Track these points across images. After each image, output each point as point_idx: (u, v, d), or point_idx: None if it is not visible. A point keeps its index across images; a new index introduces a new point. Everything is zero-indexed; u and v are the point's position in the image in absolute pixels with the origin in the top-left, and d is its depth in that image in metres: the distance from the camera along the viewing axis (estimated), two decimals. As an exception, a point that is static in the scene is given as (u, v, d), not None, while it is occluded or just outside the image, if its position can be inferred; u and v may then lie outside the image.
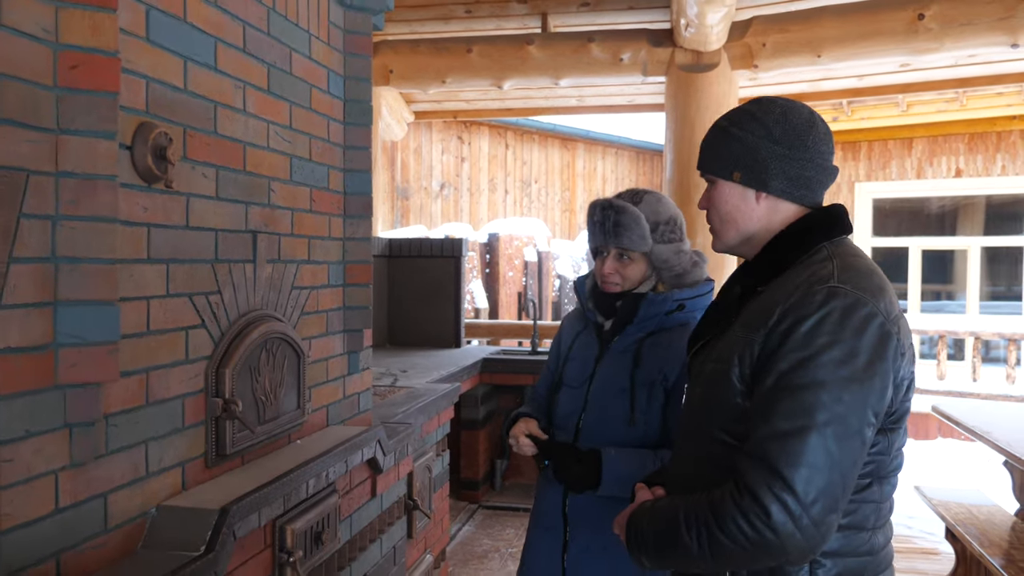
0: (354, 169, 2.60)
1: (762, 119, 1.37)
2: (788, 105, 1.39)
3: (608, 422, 1.95)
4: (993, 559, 3.07)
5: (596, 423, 1.97)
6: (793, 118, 1.37)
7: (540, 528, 2.10)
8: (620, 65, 5.30)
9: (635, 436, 1.92)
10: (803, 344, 1.21)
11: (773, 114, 1.37)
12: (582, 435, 1.98)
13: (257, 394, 2.04)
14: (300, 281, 2.32)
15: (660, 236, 1.97)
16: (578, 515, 2.00)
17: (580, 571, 1.99)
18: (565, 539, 2.01)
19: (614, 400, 1.95)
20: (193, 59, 1.80)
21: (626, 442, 1.92)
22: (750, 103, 1.43)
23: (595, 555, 1.97)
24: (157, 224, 1.69)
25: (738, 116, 1.41)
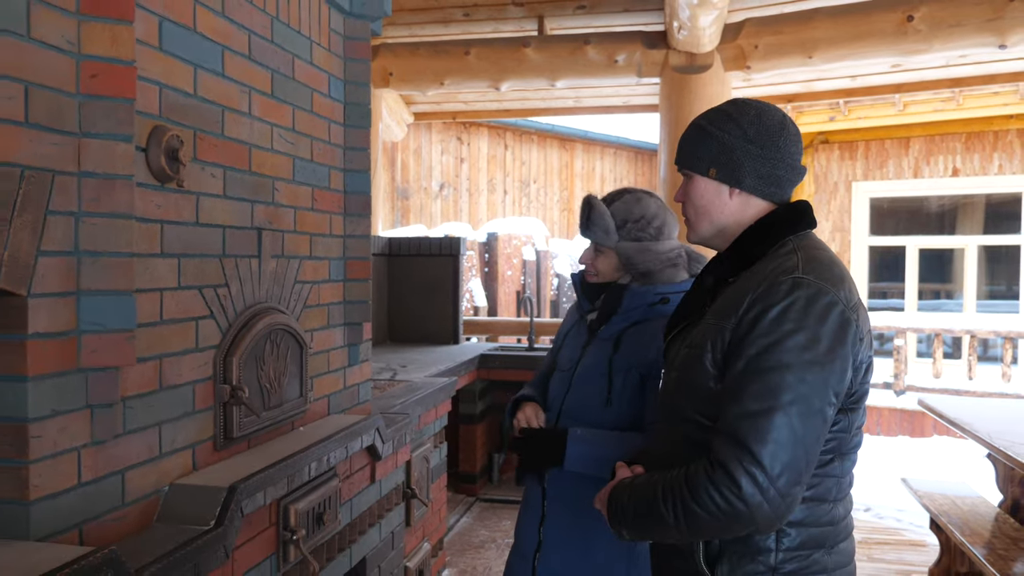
0: (354, 169, 2.72)
1: (738, 119, 1.49)
2: (762, 107, 1.50)
3: (587, 403, 2.07)
4: (975, 548, 3.17)
5: (577, 404, 2.09)
6: (766, 120, 1.48)
7: (524, 506, 2.24)
8: (615, 67, 5.42)
9: (610, 416, 2.04)
10: (770, 330, 1.32)
11: (748, 115, 1.49)
12: (563, 415, 2.11)
13: (262, 382, 2.16)
14: (303, 276, 2.43)
15: (626, 233, 2.08)
16: (556, 490, 2.12)
17: (555, 542, 2.10)
18: (543, 512, 2.13)
19: (594, 383, 2.07)
20: (202, 66, 1.92)
21: (602, 422, 2.04)
22: (727, 104, 1.54)
23: (569, 529, 2.09)
24: (169, 221, 1.81)
25: (715, 116, 1.52)
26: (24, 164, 1.41)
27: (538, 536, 2.13)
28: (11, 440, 1.44)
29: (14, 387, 1.43)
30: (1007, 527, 3.43)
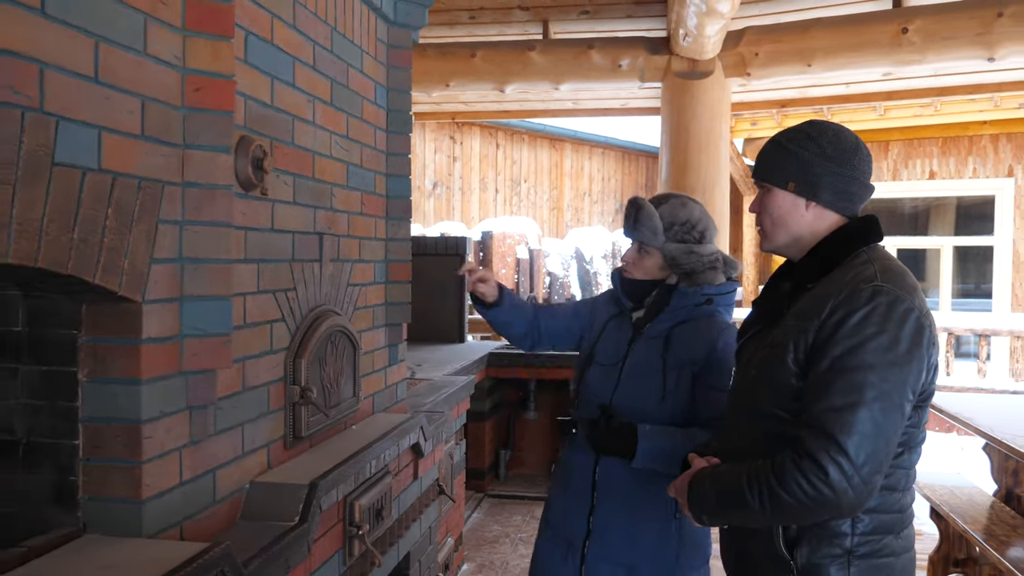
0: (395, 174, 2.79)
1: (817, 139, 1.59)
2: (839, 129, 1.61)
3: (640, 398, 2.16)
4: (977, 535, 3.33)
5: (629, 399, 2.17)
6: (843, 140, 1.59)
7: (570, 492, 2.28)
8: (619, 71, 5.52)
9: (665, 412, 2.14)
10: (853, 333, 1.43)
11: (827, 135, 1.60)
12: (614, 411, 2.18)
13: (324, 382, 2.22)
14: (354, 279, 2.50)
15: (673, 235, 2.18)
16: (607, 482, 2.20)
17: (606, 532, 2.19)
18: (592, 503, 2.21)
19: (646, 379, 2.16)
20: (278, 77, 1.98)
21: (656, 417, 2.13)
22: (805, 124, 1.65)
23: (620, 519, 2.18)
24: (252, 228, 1.87)
25: (795, 135, 1.63)
26: (140, 175, 1.47)
27: (587, 525, 2.20)
28: (125, 441, 1.50)
29: (128, 390, 1.49)
30: (1004, 515, 3.60)
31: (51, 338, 1.51)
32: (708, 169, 5.36)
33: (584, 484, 2.24)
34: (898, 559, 1.56)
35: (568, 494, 2.29)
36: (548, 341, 2.44)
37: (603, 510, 2.20)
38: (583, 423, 2.25)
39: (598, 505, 2.20)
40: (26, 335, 1.52)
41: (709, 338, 2.15)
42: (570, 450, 2.35)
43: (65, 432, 1.51)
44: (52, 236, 1.26)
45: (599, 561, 2.19)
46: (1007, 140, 9.28)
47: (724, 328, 2.18)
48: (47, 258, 1.26)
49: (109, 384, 1.49)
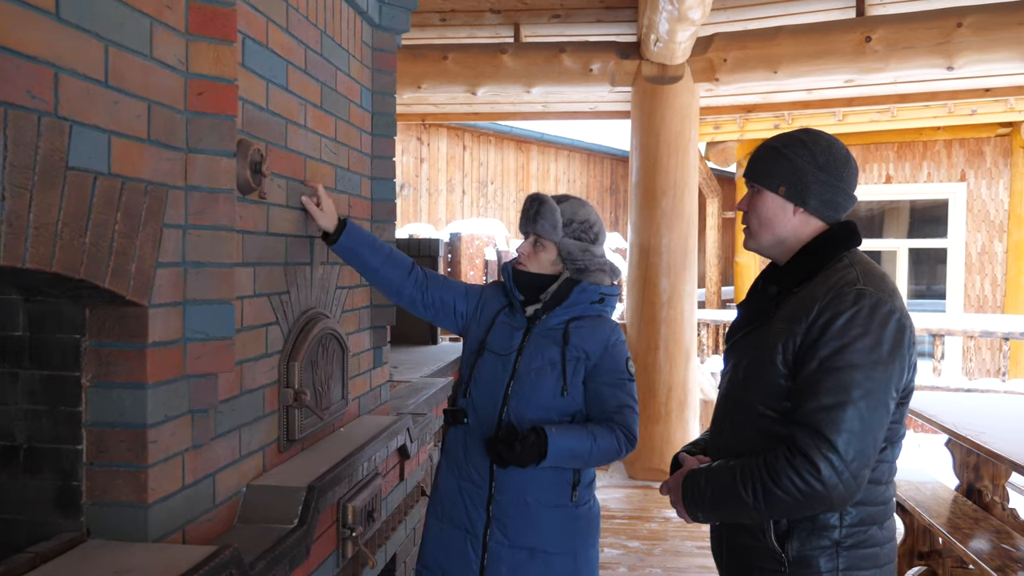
0: (380, 177, 2.80)
1: (811, 148, 1.65)
2: (832, 140, 1.67)
3: (539, 391, 2.17)
4: (942, 528, 3.45)
5: (528, 390, 2.18)
6: (835, 152, 1.65)
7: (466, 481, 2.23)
8: (590, 75, 5.58)
9: (563, 404, 2.17)
10: (839, 334, 1.50)
11: (820, 145, 1.66)
12: (511, 399, 2.18)
13: (316, 385, 2.23)
14: (341, 281, 2.51)
15: (571, 232, 2.23)
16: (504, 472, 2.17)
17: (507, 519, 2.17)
18: (491, 492, 2.19)
19: (544, 372, 2.18)
20: (273, 81, 1.99)
21: (554, 408, 2.16)
22: (800, 132, 1.70)
23: (520, 506, 2.17)
24: (248, 231, 1.88)
25: (790, 141, 1.68)
26: (147, 179, 1.47)
27: (487, 514, 2.20)
28: (130, 445, 1.50)
29: (135, 394, 1.49)
30: (966, 508, 3.73)
31: (53, 343, 1.50)
32: (678, 172, 5.44)
33: (481, 476, 2.21)
34: (882, 548, 1.63)
35: (464, 483, 2.25)
36: (431, 308, 2.37)
37: (502, 499, 2.19)
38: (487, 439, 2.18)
39: (496, 494, 2.19)
40: (27, 340, 1.51)
41: (603, 335, 2.20)
42: (460, 441, 2.27)
43: (68, 437, 1.50)
44: (66, 240, 1.26)
45: (501, 547, 2.19)
46: (960, 146, 9.56)
47: (615, 327, 2.26)
48: (62, 263, 1.26)
49: (114, 388, 1.49)
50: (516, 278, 2.29)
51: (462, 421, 2.25)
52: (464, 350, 2.38)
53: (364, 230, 2.33)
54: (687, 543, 4.46)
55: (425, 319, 2.45)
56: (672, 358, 5.40)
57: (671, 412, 5.42)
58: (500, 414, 2.17)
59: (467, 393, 2.27)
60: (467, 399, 2.26)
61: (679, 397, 5.44)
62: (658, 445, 5.46)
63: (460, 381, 2.33)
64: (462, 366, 2.37)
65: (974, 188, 9.53)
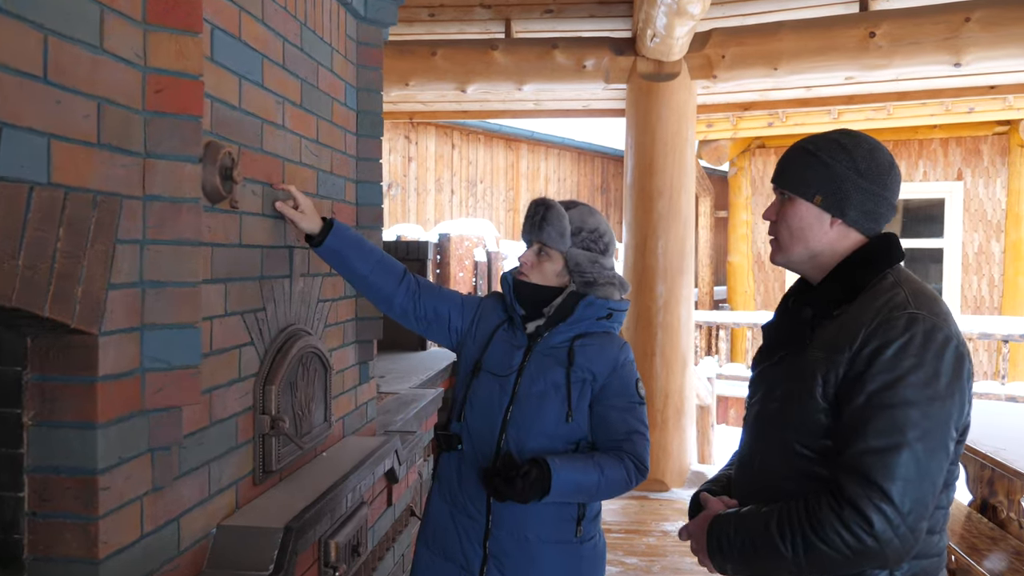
0: (365, 180, 2.62)
1: (852, 152, 1.47)
2: (875, 144, 1.49)
3: (542, 416, 1.98)
4: (957, 547, 3.29)
5: (528, 415, 1.99)
6: (879, 157, 1.47)
7: (460, 513, 2.05)
8: (583, 72, 5.40)
9: (568, 431, 1.98)
10: (890, 366, 1.32)
11: (862, 149, 1.47)
12: (510, 426, 1.99)
13: (296, 408, 2.05)
14: (324, 294, 2.32)
15: (580, 241, 2.04)
16: (502, 507, 1.98)
17: (505, 556, 1.99)
18: (488, 527, 2.00)
19: (548, 395, 1.99)
20: (246, 77, 1.80)
21: (557, 435, 1.98)
22: (838, 134, 1.52)
23: (519, 543, 1.99)
24: (218, 244, 1.69)
25: (827, 144, 1.50)
26: (96, 189, 1.28)
27: (484, 550, 2.01)
28: (78, 494, 1.31)
29: (83, 435, 1.31)
30: (981, 526, 3.58)
31: (-10, 376, 1.31)
32: (674, 172, 5.27)
33: (477, 509, 2.03)
34: None
35: (458, 514, 2.06)
36: (423, 320, 2.14)
37: (500, 534, 2.00)
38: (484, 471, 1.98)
39: (494, 528, 2.01)
40: (-40, 372, 1.32)
41: (612, 354, 2.01)
42: (454, 467, 2.08)
43: (6, 483, 1.31)
44: (-7, 264, 1.07)
45: None
46: (956, 144, 9.44)
47: (623, 345, 2.06)
48: (-12, 290, 1.07)
49: (60, 428, 1.30)
50: (517, 290, 2.09)
51: (456, 447, 2.07)
52: (459, 369, 2.19)
53: (352, 231, 2.13)
54: (687, 560, 4.29)
55: (417, 332, 2.26)
56: (669, 364, 5.24)
57: (668, 420, 5.24)
58: (498, 442, 1.99)
59: (462, 416, 2.08)
60: (462, 423, 2.08)
61: (676, 404, 5.27)
62: (655, 454, 5.29)
63: (455, 402, 2.15)
64: (456, 385, 2.18)
65: (971, 187, 9.42)
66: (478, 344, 2.13)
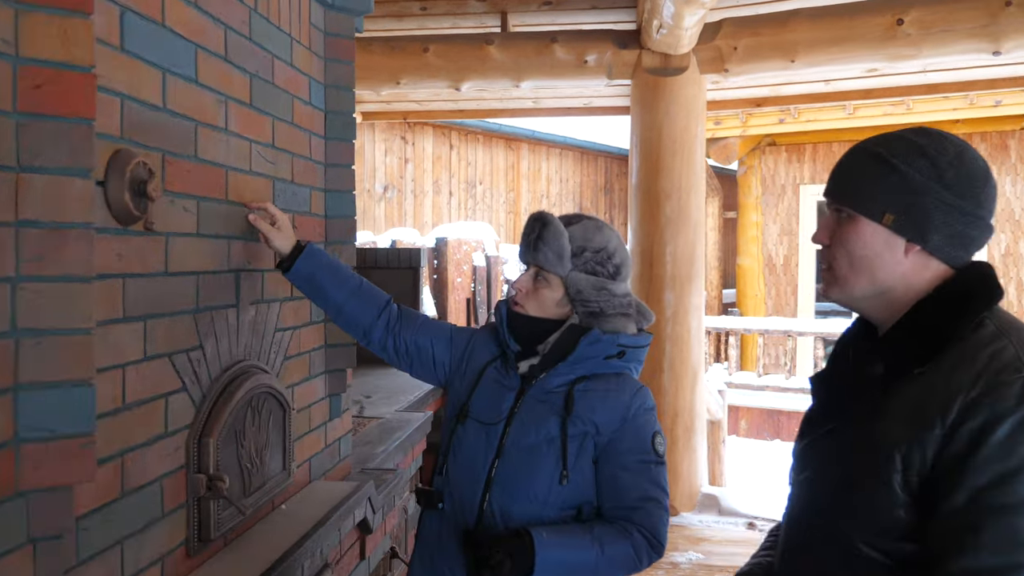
0: (336, 189, 2.31)
1: (934, 158, 1.13)
2: (963, 146, 1.15)
3: (531, 476, 1.66)
4: None
5: (516, 474, 1.66)
6: (970, 163, 1.14)
7: None
8: (585, 67, 5.09)
9: (563, 495, 1.65)
10: (1004, 453, 0.99)
11: (948, 154, 1.13)
12: (495, 485, 1.67)
13: (243, 462, 1.74)
14: (283, 321, 2.02)
15: (583, 264, 1.70)
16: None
17: None
18: None
19: (539, 449, 1.66)
20: (172, 71, 1.50)
21: (550, 501, 1.65)
22: (914, 132, 1.18)
23: None
24: (133, 274, 1.39)
25: (900, 147, 1.16)
26: (-62, 215, 0.98)
27: None
28: (-79, 609, 1.01)
29: (-75, 534, 1.00)
30: None
31: None
32: (683, 173, 4.95)
33: None
34: None
35: None
36: (404, 356, 1.86)
37: None
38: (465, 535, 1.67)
39: None
40: None
41: (622, 401, 1.67)
42: (435, 529, 1.77)
43: None
44: None
45: None
46: (980, 140, 9.09)
47: (638, 390, 1.71)
48: None
49: None
50: (512, 322, 1.76)
51: (436, 506, 1.76)
52: (445, 412, 1.87)
53: (328, 255, 1.86)
54: (699, 593, 3.98)
55: (401, 370, 1.95)
56: (678, 379, 4.91)
57: (677, 440, 4.92)
58: (481, 503, 1.67)
59: (444, 470, 1.77)
60: (444, 477, 1.76)
61: (686, 423, 4.95)
62: (662, 472, 4.98)
63: (439, 452, 1.83)
64: (442, 431, 1.86)
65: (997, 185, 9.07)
66: (466, 384, 1.81)
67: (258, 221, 1.76)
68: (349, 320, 1.87)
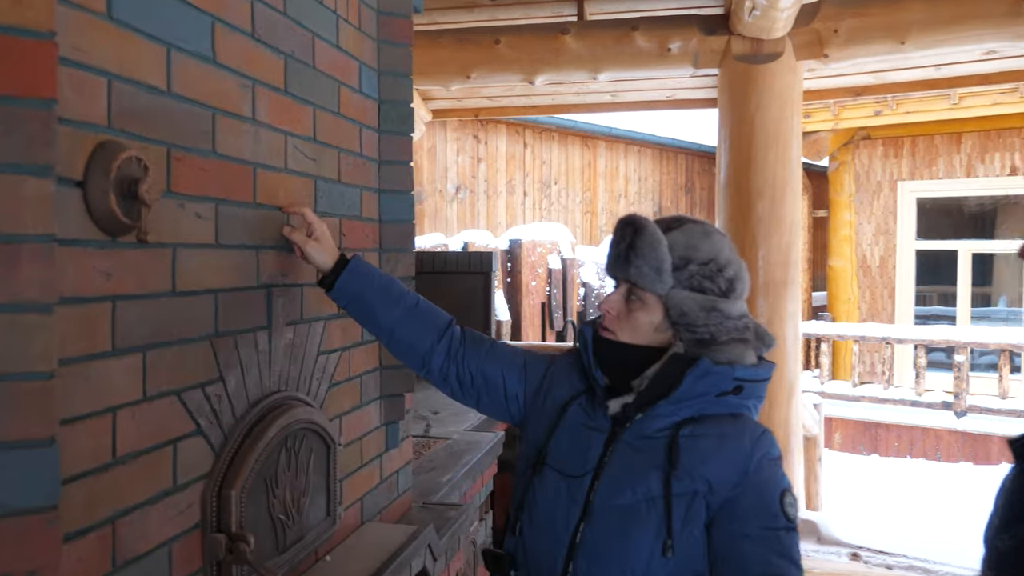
0: (391, 189, 2.03)
1: None
2: None
3: (627, 543, 1.32)
4: None
5: (607, 541, 1.33)
6: None
7: None
8: (668, 56, 4.72)
9: (667, 569, 1.30)
10: None
11: None
12: (581, 554, 1.34)
13: (275, 513, 1.47)
14: (328, 343, 1.75)
15: (687, 279, 1.36)
16: None
17: None
18: None
19: (636, 512, 1.32)
20: (180, 46, 1.23)
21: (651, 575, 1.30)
22: None
23: None
24: (127, 295, 1.12)
25: None
26: None
27: None
28: None
29: None
30: None
31: None
32: (777, 169, 4.53)
33: None
34: None
35: None
36: (470, 388, 1.58)
37: None
38: None
39: None
40: None
41: (740, 450, 1.32)
42: None
43: None
44: None
45: None
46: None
47: (760, 435, 1.35)
48: None
49: None
50: (599, 349, 1.43)
51: (507, 574, 1.44)
52: (519, 458, 1.54)
53: (377, 270, 1.58)
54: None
55: (466, 406, 1.66)
56: (772, 395, 4.50)
57: (772, 459, 4.51)
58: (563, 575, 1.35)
59: (518, 529, 1.45)
60: (518, 538, 1.45)
61: (780, 441, 4.50)
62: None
63: (512, 506, 1.52)
64: (516, 481, 1.55)
65: None
66: (543, 424, 1.48)
67: (292, 233, 1.50)
68: (404, 346, 1.59)
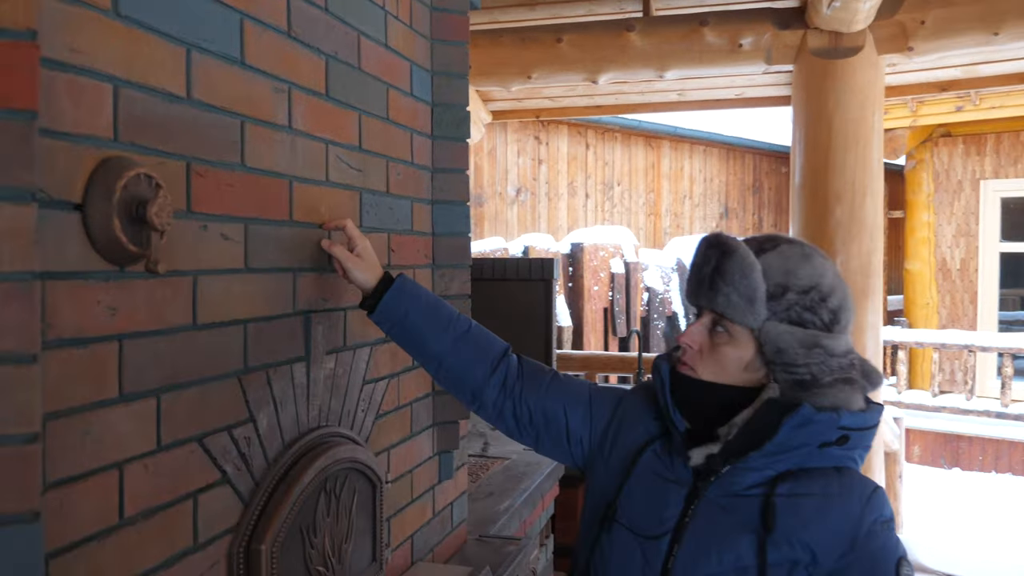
0: (445, 200, 1.88)
1: None
2: None
3: None
4: None
5: None
6: None
7: None
8: (739, 52, 4.48)
9: None
10: None
11: None
12: None
13: (313, 565, 1.32)
14: (375, 370, 1.60)
15: (784, 310, 1.14)
16: None
17: None
18: None
19: None
20: (203, 47, 1.09)
21: None
22: None
23: None
24: (137, 333, 0.98)
25: None
26: None
27: None
28: None
29: None
30: None
31: None
32: (857, 171, 4.25)
33: None
34: None
35: None
36: (528, 427, 1.38)
37: None
38: None
39: None
40: None
41: (849, 512, 1.10)
42: None
43: None
44: None
45: None
46: None
47: (872, 494, 1.13)
48: None
49: None
50: (677, 387, 1.22)
51: None
52: (584, 507, 1.35)
53: (425, 290, 1.41)
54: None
55: (524, 445, 1.47)
56: (853, 411, 4.22)
57: (851, 479, 4.23)
58: None
59: None
60: None
61: (862, 460, 4.25)
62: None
63: (574, 564, 1.34)
64: (580, 534, 1.36)
65: None
66: (612, 472, 1.28)
67: (332, 247, 1.35)
68: (453, 377, 1.41)
